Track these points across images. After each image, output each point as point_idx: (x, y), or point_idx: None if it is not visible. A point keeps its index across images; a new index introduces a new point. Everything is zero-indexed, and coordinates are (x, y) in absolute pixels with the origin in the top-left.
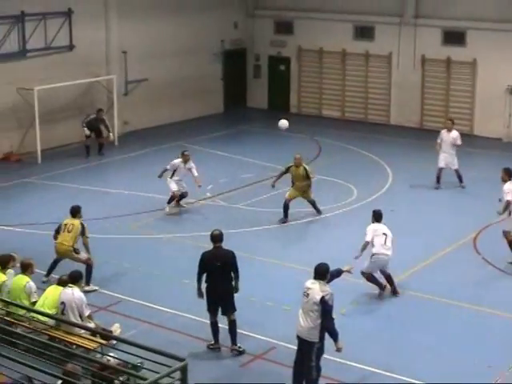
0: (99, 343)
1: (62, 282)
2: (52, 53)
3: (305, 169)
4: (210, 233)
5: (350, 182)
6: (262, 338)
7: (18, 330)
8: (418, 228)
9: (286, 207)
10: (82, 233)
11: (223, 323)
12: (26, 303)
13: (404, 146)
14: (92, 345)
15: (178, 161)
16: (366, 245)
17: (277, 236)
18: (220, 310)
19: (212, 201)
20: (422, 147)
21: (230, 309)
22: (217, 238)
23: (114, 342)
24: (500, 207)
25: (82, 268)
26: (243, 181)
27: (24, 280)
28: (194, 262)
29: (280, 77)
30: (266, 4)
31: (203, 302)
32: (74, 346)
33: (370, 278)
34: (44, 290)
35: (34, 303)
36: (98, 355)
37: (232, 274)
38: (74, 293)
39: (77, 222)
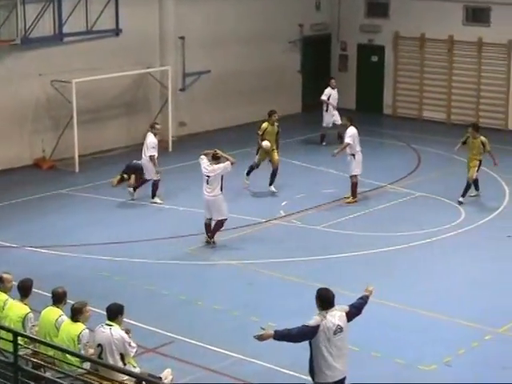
0: None
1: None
2: (94, 38)
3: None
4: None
5: (456, 201)
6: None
7: (48, 375)
8: None
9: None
10: None
11: None
12: (55, 341)
13: None
14: None
15: None
16: None
17: (364, 263)
18: None
19: (286, 221)
20: None
21: None
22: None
23: None
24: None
25: None
26: (324, 197)
27: (57, 313)
28: (267, 297)
29: (371, 70)
30: None
31: (276, 346)
32: None
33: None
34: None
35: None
36: None
37: None
38: (112, 332)
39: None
